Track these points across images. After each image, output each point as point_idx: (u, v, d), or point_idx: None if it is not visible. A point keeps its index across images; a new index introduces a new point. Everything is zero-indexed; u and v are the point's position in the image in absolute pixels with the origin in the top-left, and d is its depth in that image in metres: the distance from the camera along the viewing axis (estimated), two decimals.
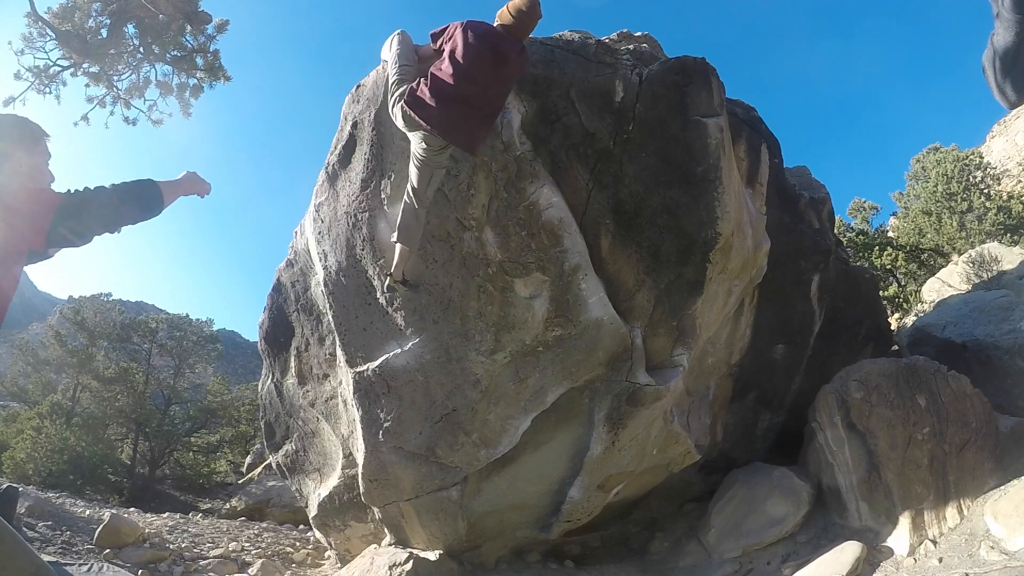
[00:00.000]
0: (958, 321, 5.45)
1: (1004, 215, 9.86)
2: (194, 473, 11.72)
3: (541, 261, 3.14)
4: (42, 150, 1.61)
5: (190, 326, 13.94)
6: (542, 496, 3.66)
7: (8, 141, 1.52)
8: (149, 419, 11.44)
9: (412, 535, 3.73)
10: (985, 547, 3.06)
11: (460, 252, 3.21)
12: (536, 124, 3.23)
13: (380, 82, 3.40)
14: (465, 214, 3.18)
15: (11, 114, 1.71)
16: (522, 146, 3.17)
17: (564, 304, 3.17)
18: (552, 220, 3.14)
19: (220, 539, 5.08)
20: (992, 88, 1.34)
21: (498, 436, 3.34)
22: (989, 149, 15.46)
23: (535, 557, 4.06)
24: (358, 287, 3.47)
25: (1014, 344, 4.71)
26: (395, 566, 3.39)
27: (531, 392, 3.28)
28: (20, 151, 1.52)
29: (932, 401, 3.73)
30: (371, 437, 3.45)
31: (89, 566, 3.58)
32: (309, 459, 4.28)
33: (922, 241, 10.46)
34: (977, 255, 7.29)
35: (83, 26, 7.77)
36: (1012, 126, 15.66)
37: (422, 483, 3.46)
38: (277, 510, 7.40)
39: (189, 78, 8.86)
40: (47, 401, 10.75)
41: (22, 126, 1.59)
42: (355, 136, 3.50)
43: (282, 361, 4.24)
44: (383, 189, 3.31)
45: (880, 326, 5.49)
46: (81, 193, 1.53)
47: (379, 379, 3.39)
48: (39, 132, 1.62)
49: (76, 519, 4.89)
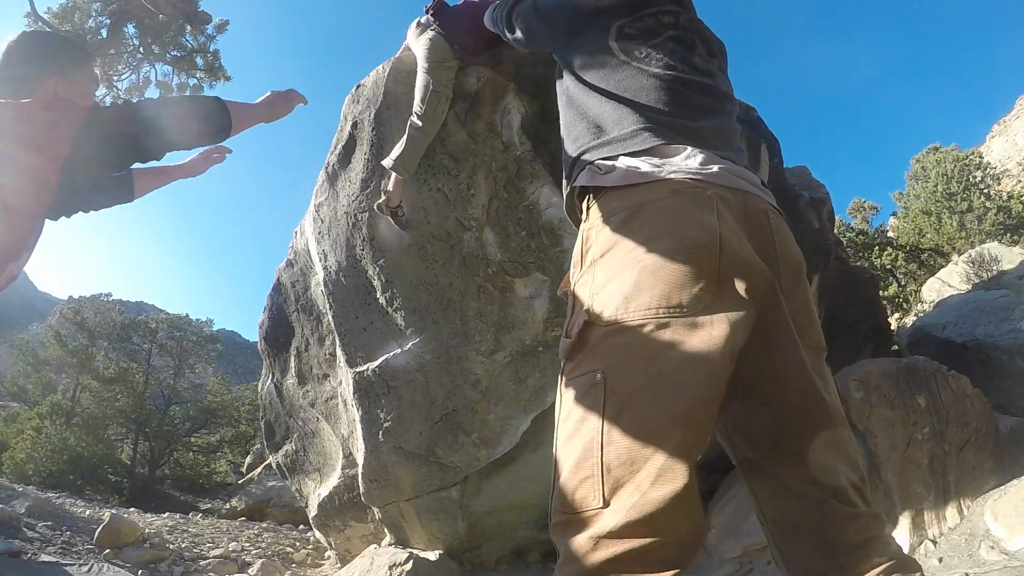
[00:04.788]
0: (958, 321, 5.46)
1: (1004, 215, 9.87)
2: (194, 473, 11.74)
3: (541, 261, 3.15)
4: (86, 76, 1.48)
5: (190, 326, 13.98)
6: (542, 496, 3.66)
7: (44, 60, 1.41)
8: (149, 419, 11.45)
9: (412, 535, 3.73)
10: (985, 547, 3.06)
11: (460, 252, 3.21)
12: (536, 124, 3.23)
13: (380, 82, 3.41)
14: (465, 214, 3.18)
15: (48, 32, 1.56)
16: (522, 146, 3.17)
17: (564, 304, 3.17)
18: (552, 220, 3.14)
19: (220, 539, 5.09)
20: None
21: (498, 436, 3.34)
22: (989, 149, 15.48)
23: (535, 557, 4.06)
24: (358, 287, 3.47)
25: (1014, 344, 4.71)
26: (395, 566, 3.39)
27: (531, 392, 3.28)
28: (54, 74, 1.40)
29: (932, 401, 3.73)
30: (371, 437, 3.45)
31: (89, 566, 3.58)
32: (309, 459, 4.28)
33: (922, 241, 10.47)
34: (977, 255, 7.30)
35: (83, 26, 7.78)
36: (1012, 126, 15.68)
37: (422, 483, 3.46)
38: (277, 510, 7.40)
39: (189, 78, 8.87)
40: (47, 401, 10.75)
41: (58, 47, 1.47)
42: (355, 136, 3.50)
43: (282, 361, 4.24)
44: (383, 189, 3.31)
45: (880, 326, 5.49)
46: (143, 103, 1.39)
47: (379, 379, 3.39)
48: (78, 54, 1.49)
49: (76, 519, 4.89)
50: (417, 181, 3.20)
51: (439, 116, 3.02)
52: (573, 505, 0.81)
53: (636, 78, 1.11)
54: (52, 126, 1.28)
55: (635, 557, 0.75)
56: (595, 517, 0.78)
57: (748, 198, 0.98)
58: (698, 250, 0.86)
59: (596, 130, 1.10)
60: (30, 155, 1.28)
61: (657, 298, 0.84)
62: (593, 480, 0.79)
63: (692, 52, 1.17)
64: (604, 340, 0.86)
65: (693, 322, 0.83)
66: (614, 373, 0.83)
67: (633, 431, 0.80)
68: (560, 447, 0.87)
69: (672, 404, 0.80)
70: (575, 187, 1.11)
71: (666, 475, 0.77)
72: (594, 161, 1.05)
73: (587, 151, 1.09)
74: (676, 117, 1.06)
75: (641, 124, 1.05)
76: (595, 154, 1.07)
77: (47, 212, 1.39)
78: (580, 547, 0.78)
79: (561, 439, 0.87)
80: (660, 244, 0.87)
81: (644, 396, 0.81)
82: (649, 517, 0.75)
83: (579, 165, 1.10)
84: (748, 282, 0.87)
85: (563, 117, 1.23)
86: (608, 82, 1.13)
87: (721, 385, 0.84)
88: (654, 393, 0.81)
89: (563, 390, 0.91)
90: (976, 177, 10.92)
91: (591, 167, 1.05)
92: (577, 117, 1.17)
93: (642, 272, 0.86)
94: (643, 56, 1.14)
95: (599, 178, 1.01)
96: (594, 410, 0.83)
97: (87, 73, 1.52)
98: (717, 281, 0.85)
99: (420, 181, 3.22)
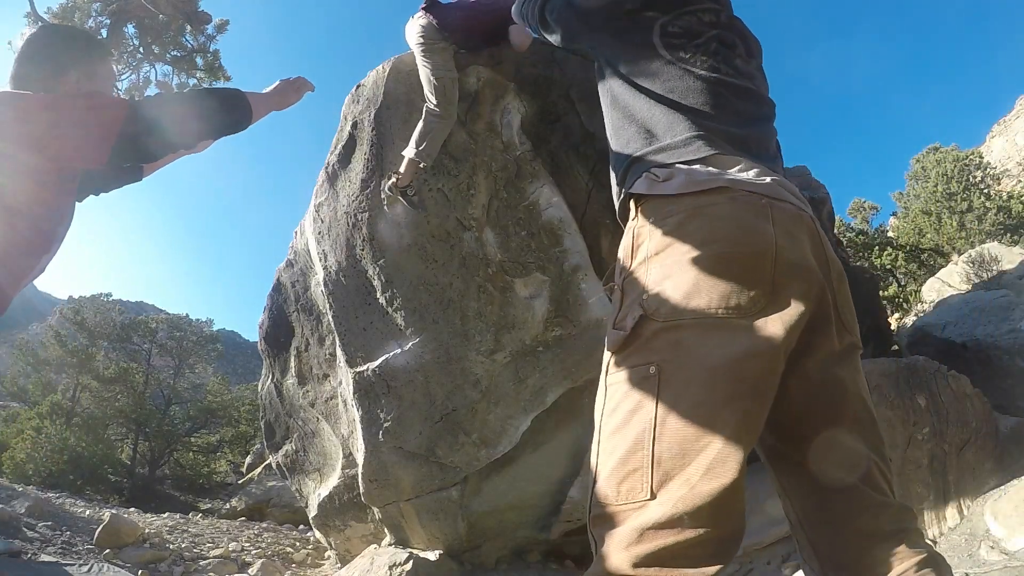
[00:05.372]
0: (958, 321, 5.45)
1: (1004, 215, 9.88)
2: (194, 473, 11.75)
3: (541, 261, 3.15)
4: (104, 71, 1.48)
5: (190, 326, 13.98)
6: (542, 496, 3.66)
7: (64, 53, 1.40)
8: (149, 419, 11.46)
9: (412, 535, 3.73)
10: (985, 547, 3.07)
11: (460, 252, 3.21)
12: (536, 124, 3.23)
13: (380, 82, 3.41)
14: (465, 214, 3.18)
15: (67, 26, 1.57)
16: (522, 146, 3.17)
17: (564, 304, 3.17)
18: (552, 220, 3.14)
19: (220, 539, 5.09)
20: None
21: (498, 436, 3.34)
22: (989, 149, 15.49)
23: (535, 557, 4.06)
24: (358, 287, 3.47)
25: (1014, 344, 4.71)
26: (395, 566, 3.39)
27: (531, 392, 3.28)
28: (75, 66, 1.40)
29: (932, 401, 3.73)
30: (371, 437, 3.45)
31: (89, 566, 3.58)
32: (309, 459, 4.28)
33: (922, 241, 10.47)
34: (977, 255, 7.30)
35: (83, 26, 7.78)
36: (1012, 126, 15.68)
37: (422, 483, 3.46)
38: (277, 510, 7.40)
39: (189, 78, 8.88)
40: (47, 401, 10.76)
41: (79, 39, 1.47)
42: (355, 136, 3.51)
43: (282, 361, 4.25)
44: (383, 189, 3.31)
45: (880, 326, 5.49)
46: (151, 101, 1.39)
47: (379, 379, 3.39)
48: (98, 47, 1.48)
49: (76, 519, 4.89)
50: (418, 180, 3.20)
51: (452, 99, 3.01)
52: (618, 496, 0.82)
53: (683, 79, 1.11)
54: (52, 126, 1.28)
55: (679, 550, 0.76)
56: (641, 509, 0.79)
57: (794, 208, 1.02)
58: (755, 255, 0.90)
59: (647, 135, 1.10)
60: (30, 155, 1.27)
61: (716, 299, 0.86)
62: (642, 472, 0.81)
63: (733, 53, 1.17)
64: (659, 335, 0.88)
65: (749, 323, 0.86)
66: (669, 367, 0.85)
67: (686, 425, 0.81)
68: (605, 438, 0.88)
69: (725, 401, 0.82)
70: (631, 193, 1.10)
71: (716, 469, 0.78)
72: (650, 168, 1.05)
73: (641, 157, 1.09)
74: (724, 124, 1.07)
75: (693, 132, 1.05)
76: (650, 161, 1.07)
77: (71, 200, 1.39)
78: (623, 538, 0.79)
79: (607, 430, 0.88)
80: (717, 247, 0.90)
81: (698, 391, 0.83)
82: (696, 510, 0.76)
83: (633, 171, 1.10)
84: (801, 285, 0.90)
85: (610, 118, 1.22)
86: (655, 83, 1.13)
87: (774, 384, 0.87)
88: (708, 389, 0.83)
89: (609, 382, 0.92)
90: (976, 177, 10.92)
91: (648, 174, 1.05)
92: (625, 120, 1.16)
93: (700, 273, 0.88)
94: (688, 57, 1.13)
95: (657, 186, 1.02)
96: (646, 403, 0.84)
97: (107, 67, 1.51)
98: (772, 285, 0.88)
99: (420, 181, 3.22)
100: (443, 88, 2.99)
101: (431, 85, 2.99)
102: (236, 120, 1.49)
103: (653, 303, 0.90)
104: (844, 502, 0.93)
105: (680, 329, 0.87)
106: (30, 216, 1.32)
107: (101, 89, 1.46)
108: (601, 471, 0.86)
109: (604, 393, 0.92)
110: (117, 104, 1.34)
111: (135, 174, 1.70)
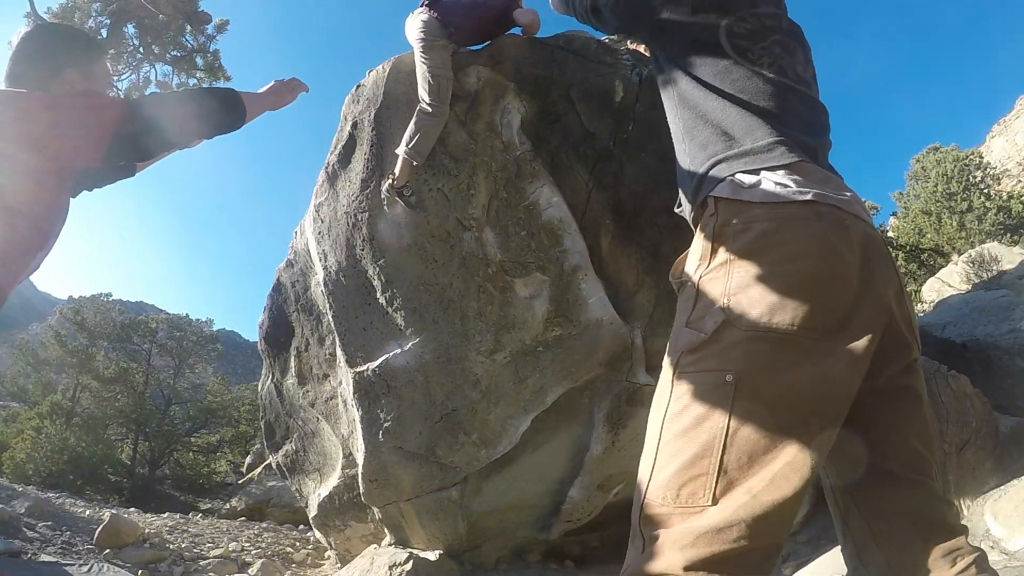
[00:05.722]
0: (958, 321, 5.45)
1: (1004, 215, 9.88)
2: (194, 473, 11.75)
3: (541, 261, 3.15)
4: (100, 70, 1.48)
5: (190, 326, 13.99)
6: (542, 496, 3.66)
7: (60, 52, 1.41)
8: (149, 419, 11.46)
9: (412, 535, 3.73)
10: (985, 547, 3.06)
11: (460, 252, 3.21)
12: (536, 124, 3.23)
13: (380, 82, 3.41)
14: (465, 214, 3.18)
15: (64, 25, 1.58)
16: (522, 146, 3.17)
17: (564, 304, 3.17)
18: (552, 220, 3.14)
19: (220, 539, 5.09)
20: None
21: (498, 436, 3.34)
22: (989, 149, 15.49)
23: (535, 557, 4.05)
24: (358, 287, 3.47)
25: (1014, 344, 4.71)
26: (395, 566, 3.39)
27: (531, 392, 3.28)
28: (72, 66, 1.41)
29: (932, 401, 3.73)
30: (371, 437, 3.44)
31: (89, 566, 3.58)
32: (309, 459, 4.28)
33: (922, 241, 10.47)
34: (977, 255, 7.30)
35: (83, 26, 7.78)
36: (1012, 126, 15.68)
37: (422, 483, 3.46)
38: (277, 510, 7.40)
39: (189, 78, 8.89)
40: (47, 401, 10.76)
41: (76, 38, 1.47)
42: (355, 136, 3.50)
43: (282, 361, 4.24)
44: (383, 189, 3.31)
45: None
46: (149, 100, 1.40)
47: (379, 379, 3.39)
48: (95, 46, 1.49)
49: (76, 519, 4.89)
50: (417, 181, 3.20)
51: (446, 98, 3.03)
52: (677, 499, 0.83)
53: (751, 80, 1.10)
54: (52, 125, 1.28)
55: (731, 557, 0.77)
56: (700, 514, 0.80)
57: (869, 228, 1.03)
58: (838, 279, 0.91)
59: (726, 137, 1.09)
60: (30, 155, 1.27)
61: (799, 317, 0.87)
62: (706, 478, 0.82)
63: (794, 59, 1.16)
64: (740, 343, 0.88)
65: (829, 346, 0.88)
66: (747, 378, 0.85)
67: (757, 439, 0.82)
68: (669, 439, 0.88)
69: (799, 419, 0.84)
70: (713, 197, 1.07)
71: (779, 482, 0.80)
72: (734, 174, 1.04)
73: (722, 160, 1.07)
74: (796, 131, 1.07)
75: (774, 136, 1.05)
76: (733, 165, 1.05)
77: (68, 199, 1.40)
78: (678, 540, 0.80)
79: (672, 431, 0.89)
80: (805, 265, 0.90)
81: (774, 405, 0.84)
82: (754, 520, 0.78)
83: (715, 174, 1.08)
84: (875, 311, 0.93)
85: (680, 116, 1.19)
86: (724, 82, 1.12)
87: (846, 408, 0.88)
88: (784, 404, 0.84)
89: (677, 381, 0.92)
90: (976, 177, 10.92)
91: (732, 180, 1.04)
92: (699, 120, 1.14)
93: (786, 288, 0.89)
94: (756, 59, 1.13)
95: (743, 192, 1.01)
96: (718, 411, 0.85)
97: (102, 67, 1.52)
98: (851, 310, 0.90)
99: (420, 181, 3.22)
100: (438, 87, 2.99)
101: (426, 82, 3.00)
102: (233, 119, 1.51)
103: (737, 309, 0.90)
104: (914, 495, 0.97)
105: (761, 341, 0.87)
106: (30, 216, 1.32)
107: (97, 88, 1.47)
108: (661, 471, 0.87)
109: (670, 391, 0.92)
110: (115, 103, 1.35)
111: (128, 170, 1.71)
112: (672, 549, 0.80)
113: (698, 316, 0.94)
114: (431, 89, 2.99)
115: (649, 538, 0.84)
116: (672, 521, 0.82)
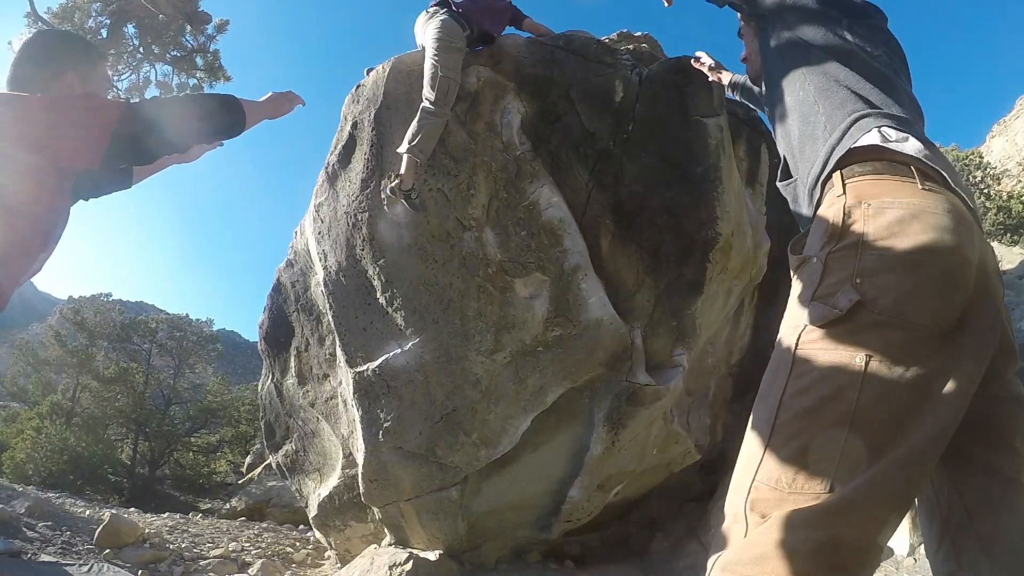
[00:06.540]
0: None
1: (1004, 215, 9.88)
2: (194, 473, 11.75)
3: (541, 261, 3.15)
4: (100, 74, 1.50)
5: (190, 326, 13.99)
6: (542, 496, 3.66)
7: (60, 57, 1.42)
8: (149, 419, 11.46)
9: (412, 535, 3.73)
10: None
11: (460, 252, 3.21)
12: (536, 124, 3.23)
13: (380, 82, 3.41)
14: (465, 214, 3.18)
15: (64, 30, 1.60)
16: (522, 146, 3.17)
17: (564, 304, 3.17)
18: (552, 220, 3.14)
19: (220, 539, 5.09)
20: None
21: (498, 436, 3.34)
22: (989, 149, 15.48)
23: (535, 557, 4.06)
24: (358, 287, 3.47)
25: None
26: (395, 566, 3.39)
27: (531, 392, 3.28)
28: (72, 71, 1.42)
29: None
30: (371, 437, 3.44)
31: (89, 566, 3.58)
32: (309, 459, 4.28)
33: None
34: None
35: (83, 26, 7.78)
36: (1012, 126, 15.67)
37: (422, 483, 3.46)
38: (277, 510, 7.40)
39: (189, 78, 8.88)
40: (47, 401, 10.76)
41: (76, 43, 1.48)
42: (355, 136, 3.50)
43: (282, 361, 4.25)
44: (384, 190, 3.31)
45: None
46: (149, 102, 1.41)
47: (379, 379, 3.39)
48: (95, 51, 1.50)
49: (76, 519, 4.89)
50: (417, 180, 3.20)
51: (451, 100, 3.05)
52: (793, 483, 0.82)
53: (874, 69, 1.15)
54: (52, 126, 1.29)
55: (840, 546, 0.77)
56: (814, 500, 0.79)
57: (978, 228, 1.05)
58: (964, 280, 0.91)
59: (864, 100, 1.10)
60: (30, 155, 1.28)
61: (931, 311, 0.87)
62: (827, 464, 0.81)
63: (898, 76, 1.20)
64: (872, 328, 0.87)
65: (958, 340, 0.88)
66: (877, 365, 0.84)
67: (882, 428, 0.81)
68: (790, 418, 0.86)
69: (923, 413, 0.83)
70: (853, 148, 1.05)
71: (900, 474, 0.80)
72: (881, 127, 1.04)
73: (867, 116, 1.06)
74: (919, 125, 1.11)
75: (905, 115, 1.07)
76: (880, 120, 1.05)
77: (68, 200, 1.41)
78: (786, 524, 0.79)
79: (793, 410, 0.87)
80: (937, 259, 0.90)
81: (900, 397, 0.83)
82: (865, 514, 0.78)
83: (858, 128, 1.06)
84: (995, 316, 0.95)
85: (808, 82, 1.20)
86: (851, 62, 1.16)
87: (965, 406, 0.87)
88: (909, 397, 0.84)
89: (799, 356, 0.90)
90: (976, 177, 10.92)
91: (879, 131, 1.03)
92: (833, 83, 1.15)
93: (919, 280, 0.88)
94: (876, 55, 1.18)
95: (892, 144, 1.01)
96: (847, 394, 0.83)
97: (101, 71, 1.53)
98: (980, 308, 0.91)
99: (420, 181, 3.22)
100: (446, 88, 3.00)
101: (435, 81, 3.00)
102: (233, 123, 1.52)
103: (871, 292, 0.88)
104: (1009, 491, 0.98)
105: (895, 329, 0.86)
106: (30, 216, 1.33)
107: (95, 92, 1.48)
108: (777, 451, 0.85)
109: (791, 365, 0.90)
110: (114, 105, 1.35)
111: (124, 181, 1.72)
112: (786, 530, 0.78)
113: (827, 292, 0.91)
114: (440, 89, 3.00)
115: (755, 522, 0.82)
116: (783, 506, 0.80)
